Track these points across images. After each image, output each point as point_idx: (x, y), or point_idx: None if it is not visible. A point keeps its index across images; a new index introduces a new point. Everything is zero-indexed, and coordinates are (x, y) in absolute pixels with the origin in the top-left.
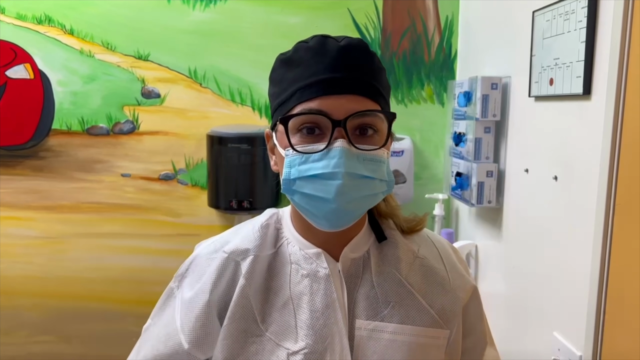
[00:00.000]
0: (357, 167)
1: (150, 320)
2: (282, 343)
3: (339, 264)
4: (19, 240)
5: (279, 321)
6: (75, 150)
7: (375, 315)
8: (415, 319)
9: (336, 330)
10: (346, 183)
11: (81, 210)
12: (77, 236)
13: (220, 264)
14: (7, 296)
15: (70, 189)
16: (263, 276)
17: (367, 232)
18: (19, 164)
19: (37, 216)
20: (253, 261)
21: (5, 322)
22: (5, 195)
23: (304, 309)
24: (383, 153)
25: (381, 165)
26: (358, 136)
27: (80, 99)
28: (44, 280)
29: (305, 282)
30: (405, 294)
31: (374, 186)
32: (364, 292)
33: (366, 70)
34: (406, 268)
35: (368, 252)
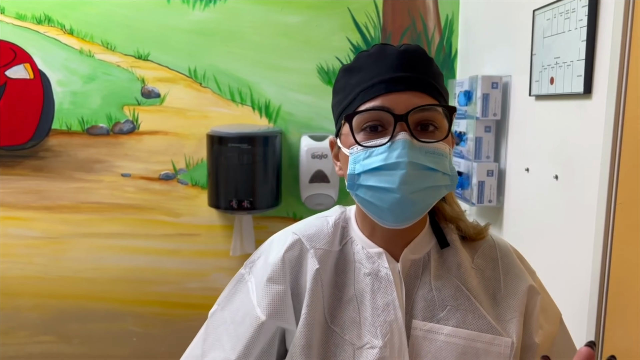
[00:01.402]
0: (420, 158)
1: (217, 305)
2: (346, 337)
3: (399, 264)
4: (19, 240)
5: (343, 316)
6: (75, 150)
7: (432, 317)
8: (471, 323)
9: (395, 328)
10: (410, 172)
11: (81, 210)
12: (77, 236)
13: (290, 244)
14: (7, 296)
15: (70, 189)
16: (332, 270)
17: (428, 235)
18: (19, 164)
19: (37, 216)
20: (325, 254)
21: (5, 322)
22: (5, 196)
23: (367, 306)
24: (445, 147)
25: (443, 159)
26: (420, 131)
27: (80, 99)
28: (44, 281)
29: (367, 280)
30: (463, 299)
31: (437, 178)
32: (422, 294)
33: (425, 70)
34: (465, 273)
35: (428, 254)
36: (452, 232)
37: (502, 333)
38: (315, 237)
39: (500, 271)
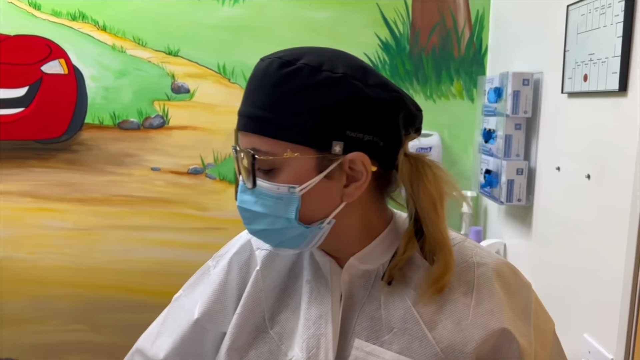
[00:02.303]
0: (248, 202)
1: (182, 291)
2: (282, 347)
3: (343, 274)
4: (52, 231)
5: (285, 323)
6: (106, 144)
7: (376, 339)
8: (416, 351)
9: (323, 343)
10: (242, 214)
11: (112, 203)
12: (107, 228)
13: (240, 246)
14: (41, 285)
15: (101, 182)
16: (282, 274)
17: (386, 243)
18: (53, 157)
19: (70, 208)
20: (268, 256)
21: (39, 310)
22: (40, 188)
23: (301, 315)
24: (282, 189)
25: (277, 201)
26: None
27: (111, 94)
28: (76, 271)
29: (307, 288)
30: (411, 323)
31: (270, 222)
32: (369, 310)
33: (260, 98)
34: (421, 295)
35: (384, 265)
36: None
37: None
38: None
39: (472, 298)
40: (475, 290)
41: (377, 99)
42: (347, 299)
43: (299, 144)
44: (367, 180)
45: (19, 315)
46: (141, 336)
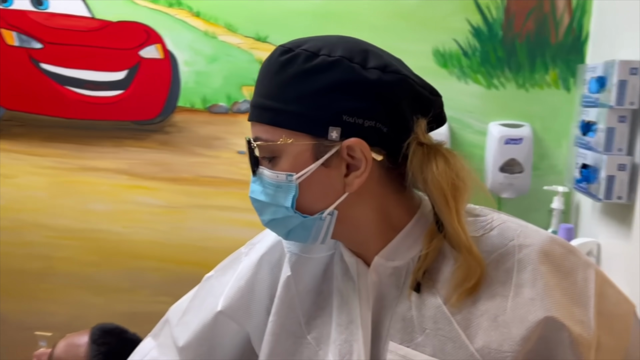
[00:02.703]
0: (256, 191)
1: (214, 272)
2: (320, 352)
3: (369, 274)
4: (145, 207)
5: (321, 328)
6: (196, 127)
7: (410, 341)
8: (450, 353)
9: (356, 349)
10: (254, 204)
11: (200, 183)
12: (195, 207)
13: (272, 245)
14: (133, 258)
15: (190, 162)
16: (315, 278)
17: (413, 235)
18: (148, 138)
19: (161, 186)
20: (299, 260)
21: (131, 281)
22: (135, 166)
23: (335, 321)
24: (281, 177)
25: (277, 190)
26: (267, 161)
27: (203, 79)
28: (165, 246)
29: (338, 292)
30: (444, 323)
31: (274, 211)
32: (401, 311)
33: (267, 88)
34: (452, 291)
35: (414, 260)
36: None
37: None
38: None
39: (511, 288)
40: (515, 278)
41: (375, 82)
42: (378, 301)
43: (295, 130)
44: (368, 169)
45: (114, 285)
46: (172, 306)
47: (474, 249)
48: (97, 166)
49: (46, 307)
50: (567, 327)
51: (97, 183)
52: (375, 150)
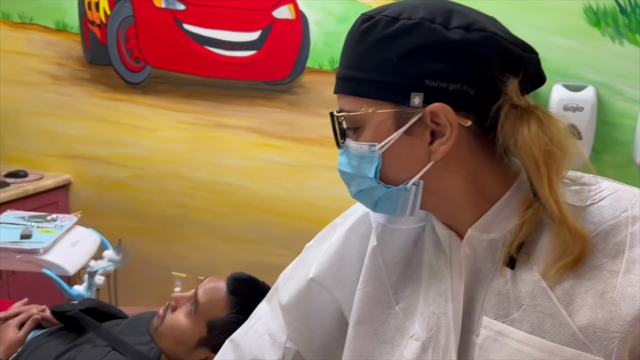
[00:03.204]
0: (343, 163)
1: (314, 241)
2: (407, 323)
3: (463, 247)
4: (272, 165)
5: (409, 299)
6: (323, 88)
7: (505, 317)
8: (549, 331)
9: (443, 322)
10: (342, 177)
11: (324, 144)
12: (318, 167)
13: (360, 216)
14: (260, 212)
15: (316, 123)
16: (404, 249)
17: (510, 206)
18: (277, 98)
19: (288, 145)
20: (387, 231)
21: (257, 233)
22: (264, 125)
23: (421, 293)
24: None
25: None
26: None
27: (332, 39)
28: (288, 203)
29: (428, 264)
30: (542, 299)
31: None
32: (497, 285)
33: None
34: (551, 264)
35: (511, 232)
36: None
37: (591, 349)
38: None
39: (622, 263)
40: (627, 253)
41: (459, 42)
42: (472, 275)
43: (376, 98)
44: (453, 136)
45: (241, 235)
46: (282, 272)
47: (569, 220)
48: (230, 124)
49: (182, 251)
50: None
51: (229, 139)
52: (462, 115)
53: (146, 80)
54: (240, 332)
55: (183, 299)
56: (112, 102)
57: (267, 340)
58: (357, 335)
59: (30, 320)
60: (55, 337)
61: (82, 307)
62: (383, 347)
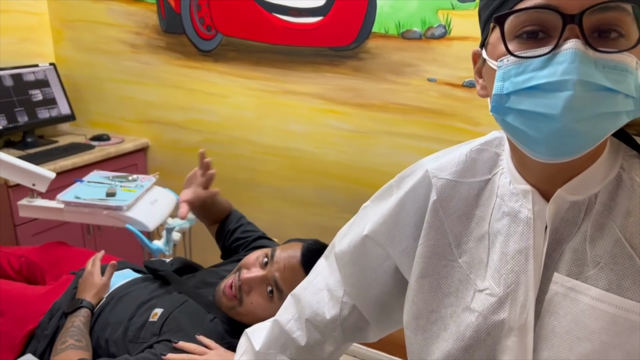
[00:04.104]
0: (595, 75)
1: (370, 202)
2: (471, 276)
3: (549, 206)
4: (336, 131)
5: (473, 252)
6: (389, 53)
7: (579, 274)
8: (628, 289)
9: (523, 280)
10: (578, 94)
11: (388, 110)
12: (382, 133)
13: (419, 179)
14: (324, 176)
15: (381, 89)
16: (466, 202)
17: (602, 169)
18: (342, 64)
19: (352, 111)
20: (448, 185)
21: (321, 197)
22: (328, 91)
23: (497, 249)
24: (632, 60)
25: (628, 76)
26: (597, 40)
27: (398, 3)
28: (351, 168)
29: (505, 220)
30: (622, 257)
31: (615, 102)
32: (573, 244)
33: None
34: (636, 224)
35: (596, 196)
36: (639, 165)
37: None
38: (442, 167)
39: None
40: None
41: None
42: (552, 234)
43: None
44: None
45: (306, 199)
46: (339, 231)
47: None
48: (296, 90)
49: (251, 212)
50: None
51: (296, 106)
52: None
53: (217, 48)
54: (301, 287)
55: (256, 281)
56: (185, 69)
57: (325, 295)
58: (421, 289)
59: (109, 267)
60: (138, 288)
61: (173, 269)
62: (447, 298)
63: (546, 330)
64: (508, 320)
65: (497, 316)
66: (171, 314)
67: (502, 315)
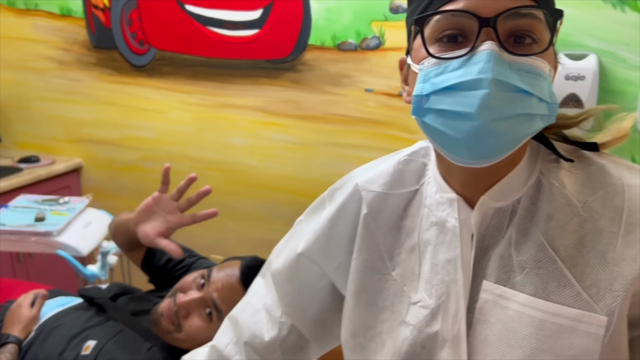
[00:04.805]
0: (510, 75)
1: (304, 216)
2: (405, 288)
3: (474, 214)
4: (277, 143)
5: (406, 264)
6: (326, 65)
7: (507, 280)
8: (553, 293)
9: (453, 290)
10: (494, 93)
11: (328, 121)
12: (323, 144)
13: (349, 193)
14: (267, 190)
15: (320, 100)
16: (396, 214)
17: (522, 175)
18: (281, 76)
19: (292, 123)
20: (378, 198)
21: (265, 211)
22: (268, 103)
23: (427, 259)
24: (544, 65)
25: (541, 81)
26: (512, 44)
27: (333, 15)
28: (295, 180)
29: (433, 230)
30: (545, 261)
31: (530, 105)
32: (499, 250)
33: None
34: (556, 228)
35: (519, 201)
36: (556, 168)
37: (595, 308)
38: (371, 180)
39: (621, 225)
40: (626, 216)
41: None
42: (479, 241)
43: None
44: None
45: (250, 213)
46: (275, 247)
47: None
48: (235, 103)
49: (193, 231)
50: None
51: (235, 119)
52: None
53: (151, 63)
54: (238, 308)
55: (193, 304)
56: (118, 85)
57: (263, 315)
58: (357, 305)
59: (39, 297)
60: (71, 319)
61: (110, 295)
62: (383, 313)
63: (479, 339)
64: (441, 331)
65: (430, 328)
66: (105, 345)
67: (435, 327)
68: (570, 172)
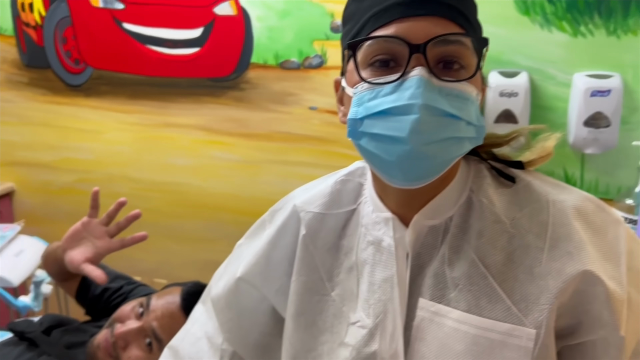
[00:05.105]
0: (439, 101)
1: (243, 239)
2: (344, 309)
3: (408, 232)
4: (221, 162)
5: (344, 284)
6: (270, 83)
7: (442, 297)
8: (485, 308)
9: (390, 308)
10: (424, 118)
11: (273, 139)
12: (268, 162)
13: (288, 214)
14: (212, 210)
15: (264, 119)
16: (334, 234)
17: (453, 194)
18: (223, 94)
19: (236, 142)
20: (316, 218)
21: (211, 232)
22: (211, 122)
23: (365, 279)
24: (472, 90)
25: (469, 105)
26: (441, 70)
27: (275, 34)
28: (240, 199)
29: (370, 249)
30: (477, 278)
31: (458, 128)
32: (434, 268)
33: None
34: (487, 244)
35: (452, 218)
36: (486, 186)
37: (524, 322)
38: (309, 200)
39: (546, 240)
40: (550, 231)
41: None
42: (414, 259)
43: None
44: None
45: (195, 235)
46: (215, 272)
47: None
48: (177, 122)
49: (135, 254)
50: (603, 281)
51: (177, 138)
52: None
53: (88, 82)
54: (178, 337)
55: (131, 334)
56: (53, 105)
57: (204, 344)
58: (297, 328)
59: None
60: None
61: (42, 329)
62: (323, 335)
63: (416, 357)
64: (379, 351)
65: (369, 348)
66: None
67: (373, 347)
68: (498, 190)
